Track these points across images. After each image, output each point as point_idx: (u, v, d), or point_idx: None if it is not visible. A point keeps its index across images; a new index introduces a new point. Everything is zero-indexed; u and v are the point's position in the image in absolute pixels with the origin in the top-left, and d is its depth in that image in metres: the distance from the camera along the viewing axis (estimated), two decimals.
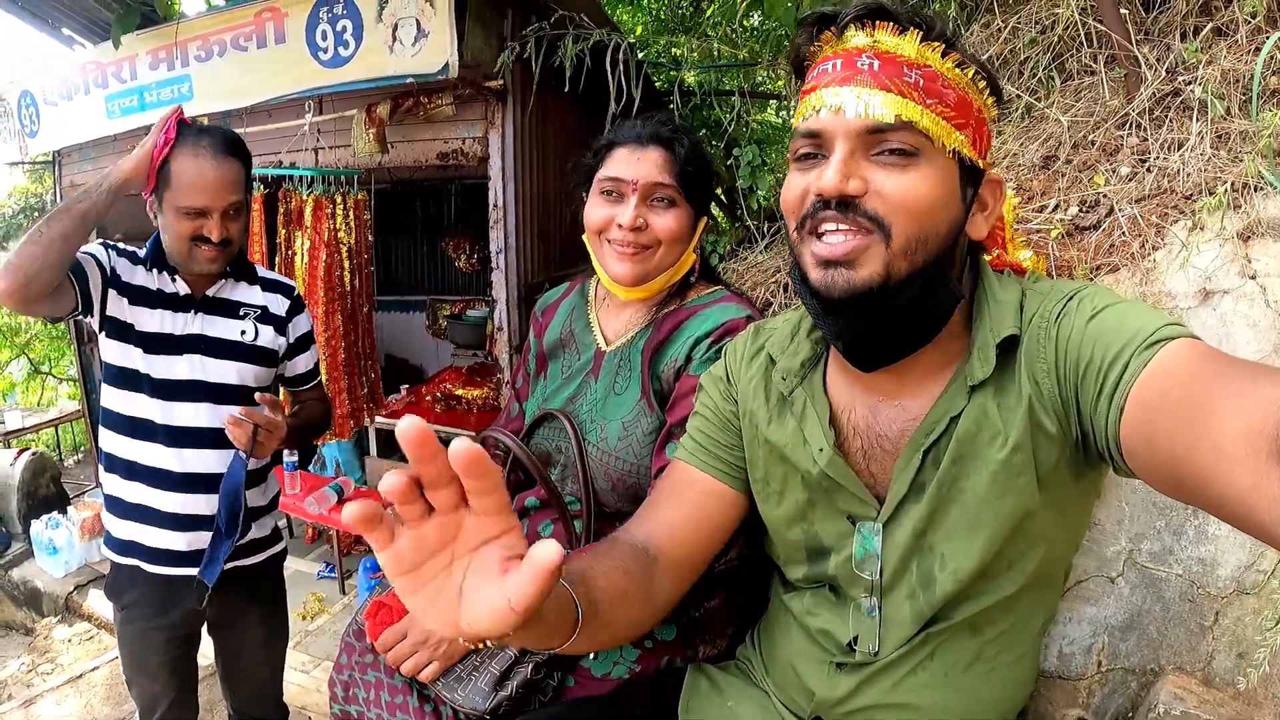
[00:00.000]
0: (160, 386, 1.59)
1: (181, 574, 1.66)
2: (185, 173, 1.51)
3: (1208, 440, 0.57)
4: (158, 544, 1.64)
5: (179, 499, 1.62)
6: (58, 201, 4.20)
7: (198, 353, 1.62)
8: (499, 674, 1.10)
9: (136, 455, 1.62)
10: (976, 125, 0.78)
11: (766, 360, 0.98)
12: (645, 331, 1.26)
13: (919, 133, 0.74)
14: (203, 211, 1.52)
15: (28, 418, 5.32)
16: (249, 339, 1.68)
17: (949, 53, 0.76)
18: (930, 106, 0.74)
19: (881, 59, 0.75)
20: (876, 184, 0.74)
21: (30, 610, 4.14)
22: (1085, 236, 1.31)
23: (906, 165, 0.74)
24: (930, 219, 0.75)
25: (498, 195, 2.83)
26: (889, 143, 0.74)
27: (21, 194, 7.34)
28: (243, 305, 1.69)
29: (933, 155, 0.75)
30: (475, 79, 2.65)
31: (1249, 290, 1.08)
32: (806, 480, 0.92)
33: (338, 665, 1.29)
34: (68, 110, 3.65)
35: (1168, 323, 0.69)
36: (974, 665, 0.89)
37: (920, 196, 0.74)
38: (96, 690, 3.19)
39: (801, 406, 0.93)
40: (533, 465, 1.25)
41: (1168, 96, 1.37)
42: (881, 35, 0.76)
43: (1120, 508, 1.21)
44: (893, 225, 0.74)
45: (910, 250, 0.75)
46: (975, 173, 0.79)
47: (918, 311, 0.79)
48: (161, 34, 3.13)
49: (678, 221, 1.23)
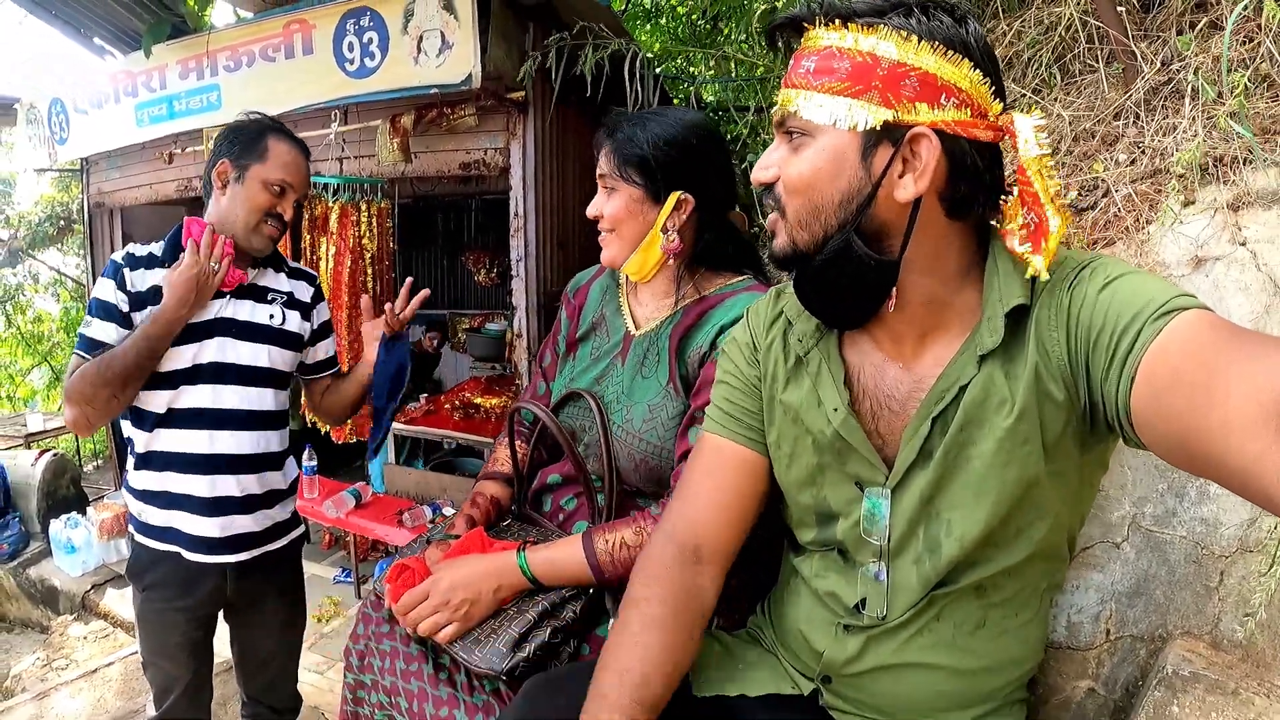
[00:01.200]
0: (189, 372, 1.63)
1: (215, 561, 1.69)
2: (283, 152, 1.64)
3: (1215, 411, 0.58)
4: (193, 530, 1.66)
5: (209, 481, 1.65)
6: (85, 209, 4.31)
7: (228, 336, 1.66)
8: (517, 636, 1.12)
9: (165, 443, 1.64)
10: (887, 82, 0.77)
11: (785, 323, 1.01)
12: (674, 318, 1.29)
13: (802, 119, 0.81)
14: (285, 190, 1.63)
15: (49, 421, 5.39)
16: (277, 323, 1.74)
17: (850, 23, 0.79)
18: (817, 87, 0.80)
19: (796, 58, 0.84)
20: (782, 170, 0.85)
21: (46, 608, 4.18)
22: (1084, 216, 1.37)
23: (797, 148, 0.83)
24: (815, 193, 0.82)
25: (518, 204, 2.90)
26: (789, 132, 0.84)
27: (49, 202, 7.48)
28: (270, 290, 1.74)
29: (820, 133, 0.81)
30: (497, 90, 2.73)
31: (1240, 256, 1.13)
32: (818, 443, 0.94)
33: (354, 635, 1.31)
34: (97, 118, 3.75)
35: (1180, 293, 0.69)
36: (981, 628, 0.90)
37: (800, 175, 0.83)
38: (111, 685, 3.20)
39: (816, 368, 0.95)
40: (562, 436, 1.29)
41: (1163, 87, 1.43)
42: (808, 36, 0.83)
43: (1123, 472, 1.24)
44: (785, 203, 0.85)
45: (803, 223, 0.84)
46: (897, 131, 0.78)
47: (834, 274, 0.85)
48: (192, 44, 3.23)
49: (616, 205, 1.28)
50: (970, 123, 0.78)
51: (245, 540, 1.73)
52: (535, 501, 1.44)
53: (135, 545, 1.74)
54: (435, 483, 3.78)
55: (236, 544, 1.71)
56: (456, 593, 1.15)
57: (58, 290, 9.08)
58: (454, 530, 1.35)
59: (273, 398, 1.75)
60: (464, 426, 3.86)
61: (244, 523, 1.72)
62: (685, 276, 1.31)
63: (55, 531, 4.21)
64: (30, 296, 9.19)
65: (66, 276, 8.80)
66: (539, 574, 1.18)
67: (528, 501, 1.44)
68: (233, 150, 1.64)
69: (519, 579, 1.18)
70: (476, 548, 1.24)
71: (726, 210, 1.35)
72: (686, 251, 1.30)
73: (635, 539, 1.16)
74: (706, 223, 1.30)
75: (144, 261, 1.64)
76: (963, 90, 0.77)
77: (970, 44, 0.78)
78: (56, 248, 8.27)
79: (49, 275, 9.01)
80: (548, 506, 1.41)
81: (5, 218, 8.35)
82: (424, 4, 2.58)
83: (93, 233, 4.45)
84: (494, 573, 1.18)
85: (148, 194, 3.96)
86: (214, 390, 1.65)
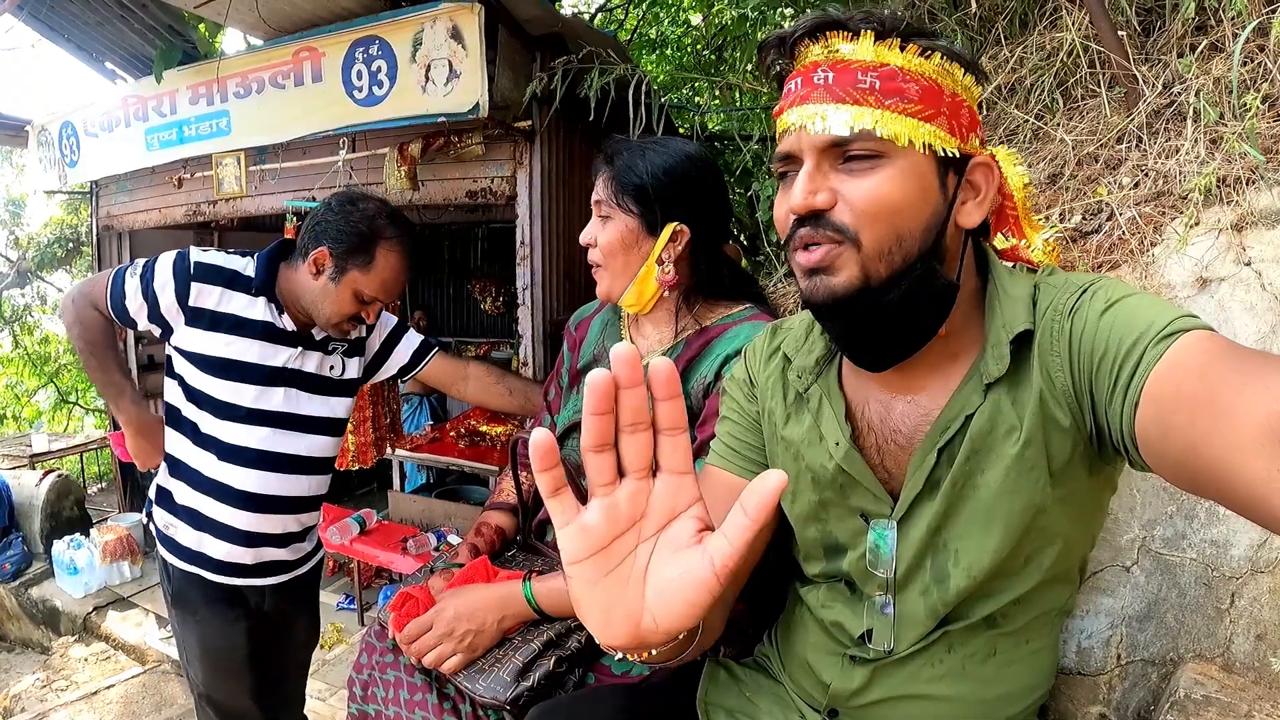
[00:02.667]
0: (250, 413, 1.61)
1: (245, 584, 1.70)
2: (387, 267, 1.56)
3: (1222, 432, 0.57)
4: (225, 557, 1.66)
5: (254, 519, 1.65)
6: (94, 232, 4.35)
7: (295, 386, 1.65)
8: (522, 665, 1.12)
9: (217, 474, 1.62)
10: (951, 111, 0.76)
11: (783, 359, 0.99)
12: (675, 349, 1.27)
13: (878, 138, 0.75)
14: (376, 300, 1.59)
15: (54, 442, 5.40)
16: (336, 374, 1.73)
17: (908, 44, 0.75)
18: (889, 106, 0.74)
19: (836, 70, 0.76)
20: (845, 193, 0.76)
21: (47, 629, 4.17)
22: (1088, 240, 1.37)
23: (872, 169, 0.75)
24: (901, 219, 0.76)
25: (524, 233, 2.92)
26: (851, 152, 0.76)
27: (58, 224, 7.55)
28: (331, 341, 1.72)
29: (898, 155, 0.75)
30: (504, 119, 2.76)
31: (1245, 276, 1.13)
32: (818, 480, 0.93)
33: (357, 665, 1.30)
34: (108, 141, 3.78)
35: (1182, 314, 0.69)
36: (991, 657, 0.89)
37: (885, 199, 0.75)
38: (111, 708, 3.19)
39: (817, 403, 0.93)
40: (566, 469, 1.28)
41: (1165, 109, 1.45)
42: (836, 44, 0.77)
43: (1132, 495, 1.24)
44: (860, 232, 0.76)
45: (885, 253, 0.76)
46: (958, 159, 0.78)
47: (909, 309, 0.79)
48: (202, 70, 3.27)
49: (611, 234, 1.25)
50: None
51: (275, 567, 1.74)
52: (539, 531, 1.43)
53: (171, 570, 1.72)
54: (440, 510, 3.77)
55: (267, 570, 1.73)
56: (461, 623, 1.15)
57: None
58: (458, 559, 1.35)
59: (330, 444, 1.75)
60: (469, 454, 3.85)
61: (277, 554, 1.73)
62: (684, 308, 1.28)
63: (58, 552, 4.21)
64: (38, 318, 9.25)
65: None
66: (544, 604, 1.17)
67: (532, 531, 1.43)
68: (339, 245, 1.54)
69: (524, 609, 1.17)
70: (481, 577, 1.24)
71: (722, 243, 1.33)
72: (683, 283, 1.28)
73: None
74: (702, 255, 1.28)
75: (224, 279, 1.58)
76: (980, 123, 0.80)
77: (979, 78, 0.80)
78: (65, 269, 8.33)
79: (56, 297, 9.07)
80: (550, 536, 1.40)
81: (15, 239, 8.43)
82: (432, 33, 2.61)
83: (101, 255, 4.49)
84: (499, 603, 1.17)
85: (157, 218, 4.00)
86: (273, 434, 1.63)
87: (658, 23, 5.41)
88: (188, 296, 1.55)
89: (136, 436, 1.69)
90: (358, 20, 2.80)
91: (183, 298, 1.55)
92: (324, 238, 1.55)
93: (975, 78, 0.79)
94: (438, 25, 2.58)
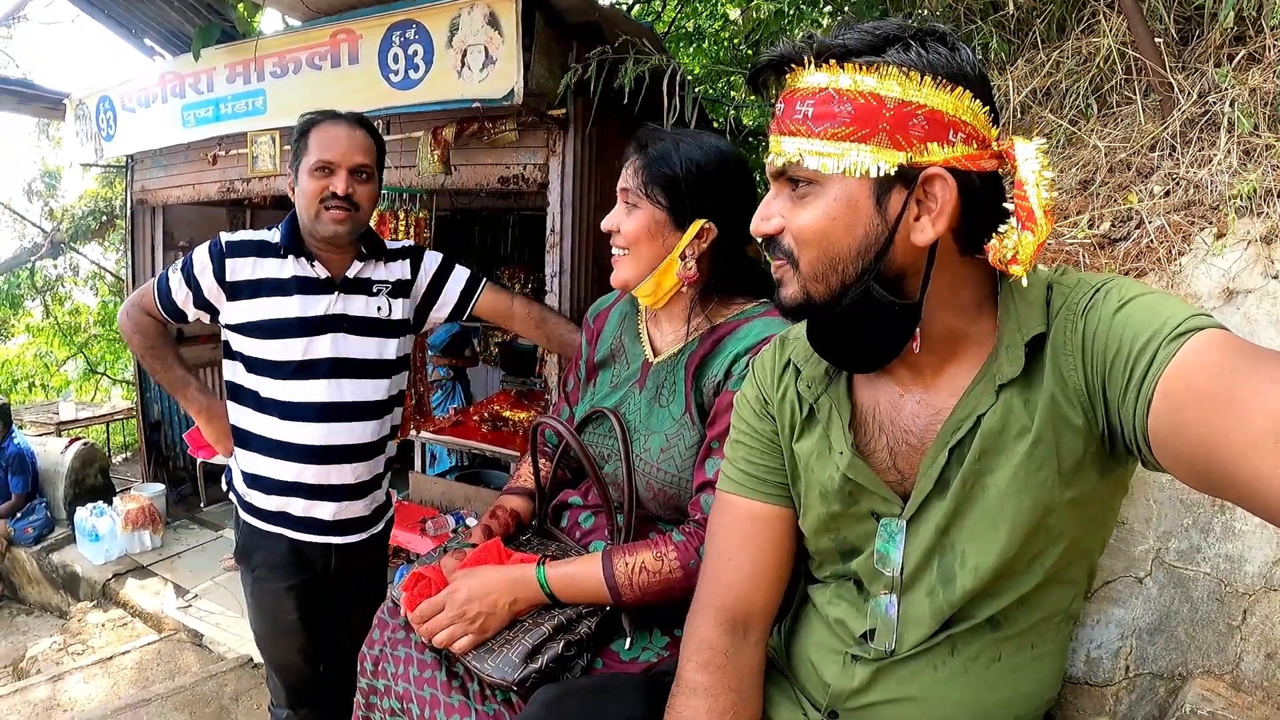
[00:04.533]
0: (302, 365, 1.67)
1: (323, 541, 1.76)
2: (319, 136, 1.65)
3: (1238, 430, 0.57)
4: (306, 513, 1.73)
5: (323, 470, 1.71)
6: (128, 205, 4.42)
7: (341, 331, 1.71)
8: (531, 647, 1.12)
9: (278, 432, 1.70)
10: (895, 123, 0.74)
11: (794, 371, 0.98)
12: (689, 346, 1.27)
13: (806, 169, 0.78)
14: (329, 167, 1.63)
15: (81, 411, 5.50)
16: (384, 314, 1.77)
17: (846, 62, 0.75)
18: (819, 134, 0.76)
19: (786, 101, 0.80)
20: (788, 220, 0.81)
21: (66, 594, 4.25)
22: (1116, 247, 1.36)
23: (805, 197, 0.80)
24: (829, 244, 0.79)
25: (555, 221, 2.92)
26: (792, 180, 0.80)
27: (92, 196, 7.69)
28: (375, 282, 1.77)
29: (829, 182, 0.78)
30: (539, 107, 2.76)
31: (1272, 289, 1.12)
32: (825, 493, 0.93)
33: (369, 640, 1.31)
34: (145, 117, 3.83)
35: (1195, 313, 0.68)
36: (996, 662, 0.88)
37: (811, 227, 0.79)
38: (125, 673, 3.24)
39: (826, 414, 0.93)
40: (587, 459, 1.28)
41: (1198, 118, 1.43)
42: (795, 73, 0.79)
43: (1148, 505, 1.23)
44: (798, 255, 0.81)
45: (818, 275, 0.81)
46: (908, 174, 0.76)
47: (854, 325, 0.83)
48: (240, 49, 3.30)
49: (637, 223, 1.25)
50: (977, 155, 0.77)
51: (353, 525, 1.80)
52: (555, 516, 1.44)
53: (242, 525, 1.80)
54: (460, 492, 3.79)
55: (345, 527, 1.78)
56: (473, 605, 1.16)
57: (96, 284, 9.30)
58: (471, 540, 1.36)
59: (387, 387, 1.79)
60: (491, 439, 3.87)
61: (355, 508, 1.78)
62: (699, 306, 1.28)
63: (80, 519, 4.29)
64: (70, 289, 9.42)
65: (106, 271, 9.00)
66: (557, 590, 1.18)
67: (548, 516, 1.44)
68: (291, 156, 1.68)
69: (536, 593, 1.18)
70: (494, 559, 1.25)
71: (746, 243, 1.32)
72: (702, 281, 1.27)
73: (656, 564, 1.15)
74: (724, 254, 1.27)
75: (253, 249, 1.70)
76: (967, 123, 0.76)
77: (968, 73, 0.76)
78: (98, 242, 8.48)
79: (89, 268, 9.23)
80: (565, 522, 1.41)
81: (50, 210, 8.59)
82: (469, 19, 2.61)
83: (134, 229, 4.55)
84: (511, 585, 1.18)
85: (190, 194, 4.05)
86: (329, 384, 1.69)
87: (695, 15, 5.39)
88: (224, 273, 1.67)
89: (210, 421, 1.80)
90: (395, 4, 2.81)
91: (220, 276, 1.67)
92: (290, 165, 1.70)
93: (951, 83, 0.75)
94: (475, 11, 2.59)
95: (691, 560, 1.13)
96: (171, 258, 4.38)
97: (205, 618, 3.66)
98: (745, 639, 0.99)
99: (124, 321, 1.80)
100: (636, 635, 1.19)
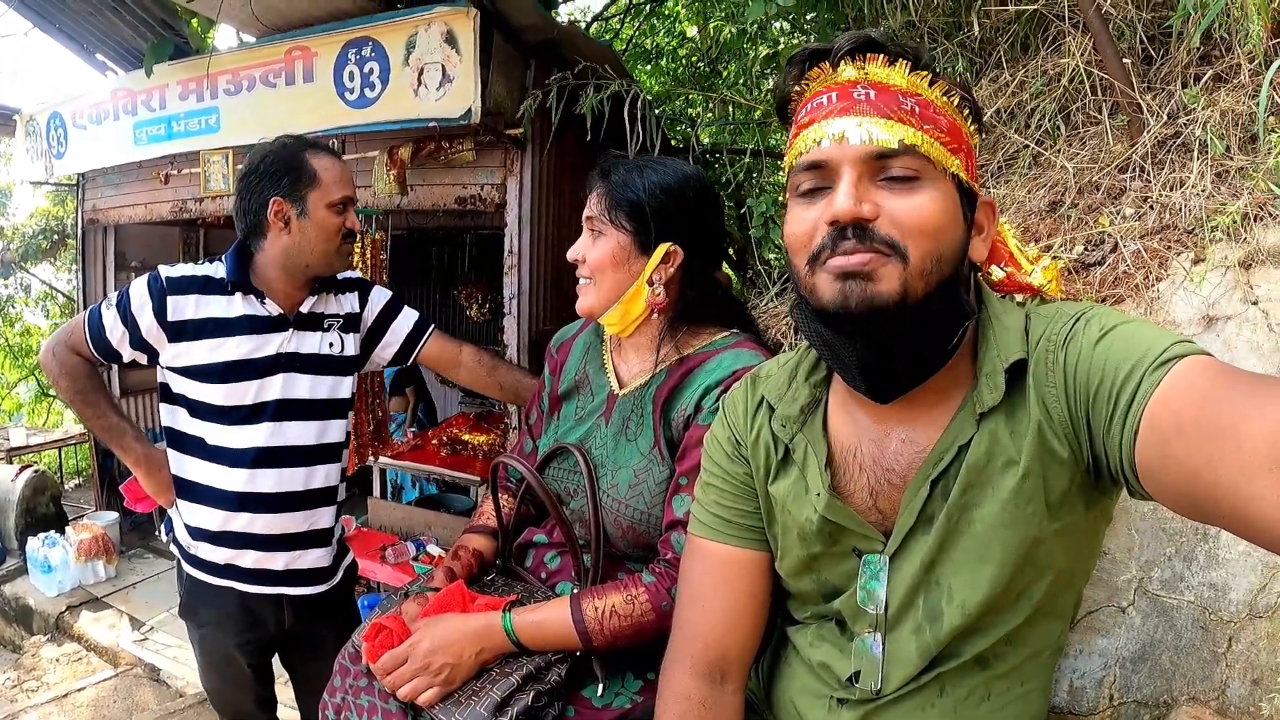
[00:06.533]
0: (253, 409, 1.57)
1: (273, 593, 1.66)
2: (329, 168, 1.56)
3: (1229, 457, 0.56)
4: (257, 565, 1.62)
5: (275, 520, 1.61)
6: (79, 224, 4.28)
7: (292, 370, 1.60)
8: (499, 700, 1.08)
9: (230, 483, 1.58)
10: (967, 151, 0.80)
11: (767, 410, 0.96)
12: (657, 378, 1.24)
13: (921, 157, 0.75)
14: (346, 204, 1.58)
15: (32, 436, 5.30)
16: (336, 351, 1.67)
17: (936, 81, 0.78)
18: (928, 131, 0.75)
19: (876, 89, 0.76)
20: (888, 208, 0.74)
21: (19, 627, 4.09)
22: (1091, 272, 1.35)
23: (912, 188, 0.75)
24: (941, 239, 0.76)
25: (513, 241, 2.87)
26: (892, 169, 0.75)
27: (43, 215, 7.46)
28: (326, 317, 1.68)
29: (934, 179, 0.76)
30: (496, 126, 2.72)
31: (1251, 315, 1.11)
32: (804, 535, 0.90)
33: (330, 688, 1.26)
34: (96, 134, 3.72)
35: (1177, 340, 0.68)
36: (986, 701, 0.86)
37: (931, 217, 0.75)
38: (81, 711, 3.11)
39: (803, 453, 0.91)
40: (548, 499, 1.25)
41: (1169, 140, 1.43)
42: (872, 67, 0.77)
43: (1130, 535, 1.21)
44: (908, 246, 0.74)
45: (927, 271, 0.74)
46: (970, 196, 0.80)
47: (932, 330, 0.78)
48: (193, 66, 3.21)
49: (602, 250, 1.22)
50: None
51: (308, 576, 1.69)
52: (519, 555, 1.39)
53: (186, 579, 1.68)
54: (420, 518, 3.71)
55: (299, 578, 1.67)
56: (437, 656, 1.11)
57: (48, 305, 9.02)
58: (433, 583, 1.31)
59: (339, 428, 1.70)
60: (451, 463, 3.80)
61: (308, 558, 1.68)
62: (668, 335, 1.25)
63: (33, 549, 4.13)
64: (20, 309, 9.13)
65: (57, 291, 8.75)
66: (525, 639, 1.13)
67: (512, 555, 1.39)
68: (282, 185, 1.53)
69: (503, 642, 1.14)
70: (457, 604, 1.20)
71: (714, 268, 1.30)
72: (671, 308, 1.24)
73: (627, 608, 1.11)
74: (692, 278, 1.24)
75: (196, 285, 1.56)
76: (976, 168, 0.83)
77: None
78: (49, 261, 8.23)
79: (40, 289, 8.96)
80: (530, 561, 1.36)
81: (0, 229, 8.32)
82: (426, 37, 2.57)
83: (85, 249, 4.41)
84: (477, 635, 1.14)
85: (143, 213, 3.93)
86: (278, 427, 1.59)
87: (653, 33, 5.39)
88: (165, 312, 1.53)
89: (149, 473, 1.65)
90: (351, 21, 2.76)
91: (161, 314, 1.53)
92: (265, 194, 1.53)
93: (978, 126, 0.83)
94: (432, 29, 2.55)
95: (664, 602, 1.09)
96: (124, 278, 4.25)
97: (163, 651, 3.54)
98: (723, 687, 0.96)
99: (48, 362, 1.60)
100: (609, 681, 1.15)
